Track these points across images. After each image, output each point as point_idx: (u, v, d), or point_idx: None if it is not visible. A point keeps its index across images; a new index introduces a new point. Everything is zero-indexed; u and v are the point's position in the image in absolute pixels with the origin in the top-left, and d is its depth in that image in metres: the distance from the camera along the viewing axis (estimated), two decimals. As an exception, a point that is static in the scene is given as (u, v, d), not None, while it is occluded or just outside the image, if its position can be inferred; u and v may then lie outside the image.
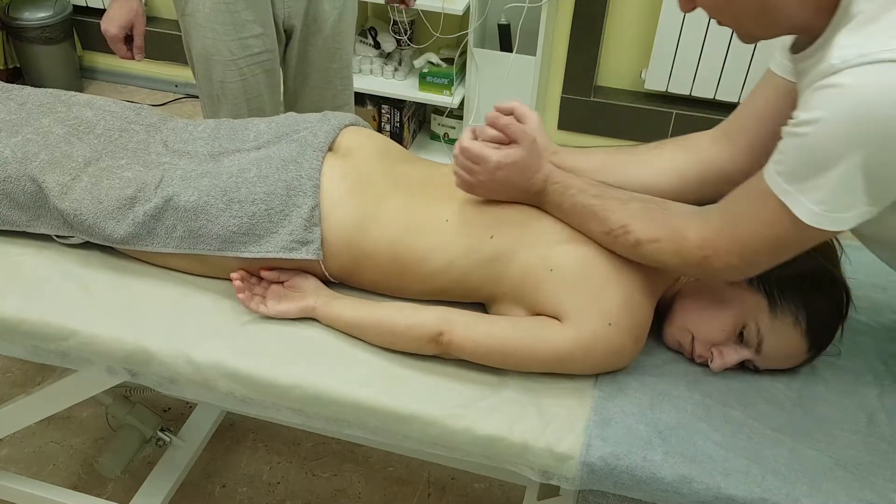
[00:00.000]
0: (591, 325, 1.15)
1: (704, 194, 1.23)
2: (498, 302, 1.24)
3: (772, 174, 0.98)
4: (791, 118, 0.94)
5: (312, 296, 1.26)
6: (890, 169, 0.90)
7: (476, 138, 1.22)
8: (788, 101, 1.10)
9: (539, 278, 1.18)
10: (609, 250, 1.17)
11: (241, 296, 1.24)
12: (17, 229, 1.35)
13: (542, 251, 1.19)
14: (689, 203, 1.21)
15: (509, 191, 1.21)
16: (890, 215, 1.00)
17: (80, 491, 1.83)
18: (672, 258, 1.10)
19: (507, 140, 1.19)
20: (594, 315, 1.15)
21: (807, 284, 1.16)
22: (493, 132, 1.20)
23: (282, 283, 1.29)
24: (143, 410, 1.81)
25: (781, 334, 1.17)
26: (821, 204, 0.94)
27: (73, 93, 1.48)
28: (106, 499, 1.70)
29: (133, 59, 1.77)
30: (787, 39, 1.12)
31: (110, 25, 1.72)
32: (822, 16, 0.97)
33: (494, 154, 1.18)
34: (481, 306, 1.26)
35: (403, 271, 1.25)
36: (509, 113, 1.22)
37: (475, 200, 1.26)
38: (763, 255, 1.04)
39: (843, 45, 0.90)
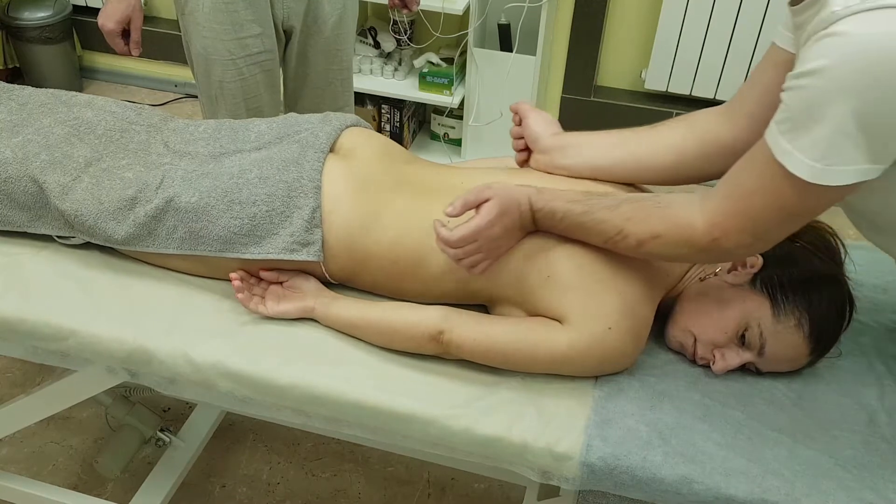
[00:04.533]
0: (590, 328, 1.15)
1: (704, 168, 1.25)
2: (499, 304, 1.24)
3: (773, 134, 0.95)
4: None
5: (312, 296, 1.26)
6: (889, 121, 0.87)
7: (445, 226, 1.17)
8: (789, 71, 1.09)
9: (536, 284, 1.18)
10: (607, 254, 1.17)
11: (240, 296, 1.24)
12: (18, 230, 1.35)
13: (539, 257, 1.19)
14: (691, 178, 1.25)
15: (513, 234, 1.18)
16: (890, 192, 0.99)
17: (79, 491, 1.83)
18: (679, 249, 1.08)
19: (476, 208, 1.16)
20: (593, 319, 1.15)
21: (810, 287, 1.16)
22: (459, 207, 1.15)
23: (281, 283, 1.29)
24: (142, 410, 1.81)
25: (784, 337, 1.17)
26: (821, 159, 0.90)
27: (73, 93, 1.48)
28: (105, 499, 1.70)
29: (130, 54, 1.78)
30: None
31: (107, 21, 1.73)
32: None
33: (480, 219, 1.14)
34: (483, 308, 1.26)
35: (405, 273, 1.25)
36: (478, 203, 1.16)
37: None
38: (774, 227, 1.01)
39: None
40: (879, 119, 0.87)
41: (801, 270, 1.17)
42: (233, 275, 1.25)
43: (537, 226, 1.19)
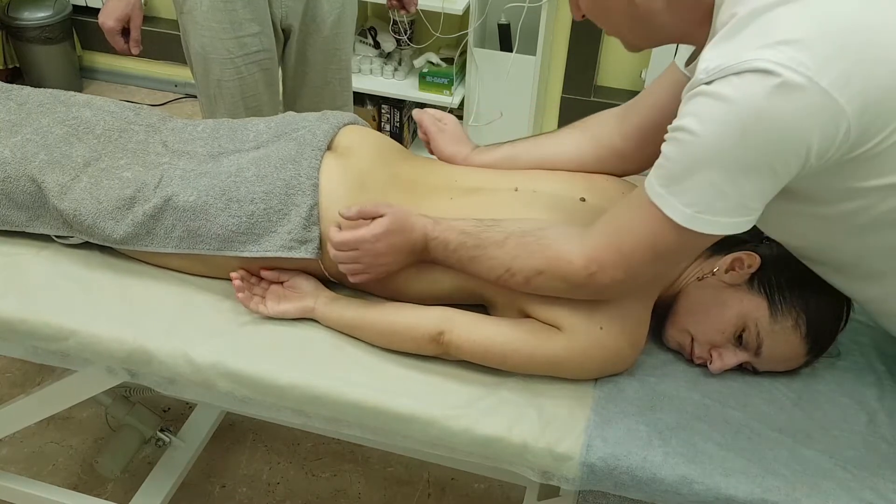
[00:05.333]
0: (582, 331, 1.15)
1: (604, 171, 1.32)
2: (497, 306, 1.24)
3: (650, 178, 0.99)
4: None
5: (312, 296, 1.26)
6: (755, 179, 0.92)
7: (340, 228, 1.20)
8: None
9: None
10: None
11: (240, 295, 1.24)
12: (17, 229, 1.35)
13: None
14: None
15: (398, 255, 1.19)
16: (788, 221, 1.04)
17: (79, 491, 1.83)
18: (559, 283, 1.10)
19: (370, 219, 1.18)
20: (584, 321, 1.15)
21: (807, 287, 1.16)
22: (354, 214, 1.18)
23: (281, 283, 1.28)
24: (142, 411, 1.81)
25: (781, 337, 1.17)
26: (692, 206, 0.94)
27: (72, 93, 1.48)
28: (105, 499, 1.71)
29: (130, 52, 1.79)
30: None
31: (107, 18, 1.75)
32: (699, 28, 0.99)
33: (366, 230, 1.16)
34: (483, 308, 1.26)
35: (400, 271, 1.25)
36: (372, 216, 1.18)
37: (474, 199, 1.26)
38: (645, 265, 1.04)
39: (707, 58, 0.92)
40: (745, 177, 0.91)
41: (798, 271, 1.17)
42: (233, 274, 1.25)
43: (430, 254, 1.19)
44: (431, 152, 1.45)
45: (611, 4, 1.03)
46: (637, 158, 1.31)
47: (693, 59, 1.09)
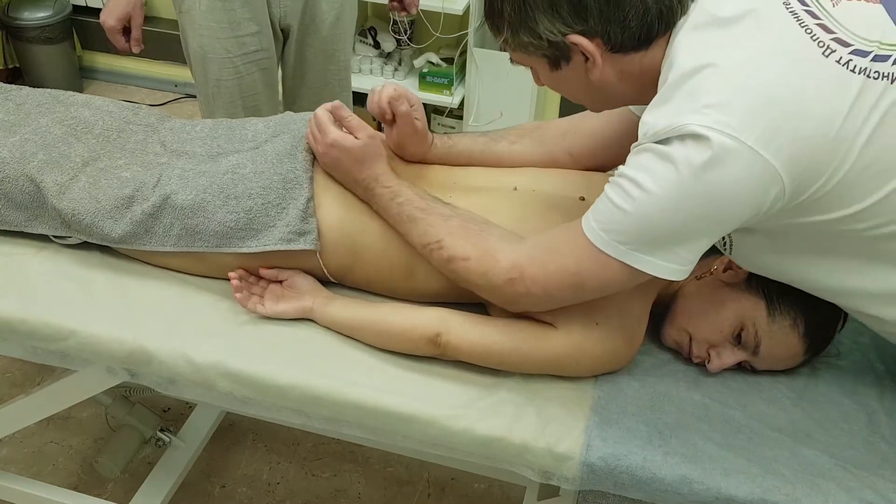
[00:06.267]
0: (577, 326, 1.15)
1: None
2: (493, 304, 1.23)
3: (587, 215, 1.02)
4: (615, 170, 1.01)
5: (310, 296, 1.26)
6: (692, 234, 0.97)
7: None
8: (631, 130, 1.16)
9: None
10: None
11: (238, 295, 1.24)
12: (15, 229, 1.35)
13: None
14: None
15: (340, 173, 1.25)
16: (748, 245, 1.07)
17: (79, 491, 1.83)
18: (479, 278, 1.11)
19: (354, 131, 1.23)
20: (579, 317, 1.15)
21: None
22: (349, 123, 1.24)
23: (280, 282, 1.28)
24: (142, 411, 1.81)
25: (779, 337, 1.17)
26: (626, 244, 0.98)
27: (71, 93, 1.48)
28: (105, 499, 1.70)
29: (131, 51, 1.80)
30: None
31: (108, 17, 1.76)
32: (650, 93, 1.03)
33: (333, 132, 1.22)
34: (482, 307, 1.26)
35: (396, 266, 1.25)
36: (355, 130, 1.23)
37: (472, 198, 1.26)
38: (562, 289, 1.06)
39: (646, 121, 0.98)
40: (684, 236, 0.97)
41: None
42: (231, 274, 1.25)
43: (372, 199, 1.22)
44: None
45: (568, 80, 1.09)
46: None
47: None
